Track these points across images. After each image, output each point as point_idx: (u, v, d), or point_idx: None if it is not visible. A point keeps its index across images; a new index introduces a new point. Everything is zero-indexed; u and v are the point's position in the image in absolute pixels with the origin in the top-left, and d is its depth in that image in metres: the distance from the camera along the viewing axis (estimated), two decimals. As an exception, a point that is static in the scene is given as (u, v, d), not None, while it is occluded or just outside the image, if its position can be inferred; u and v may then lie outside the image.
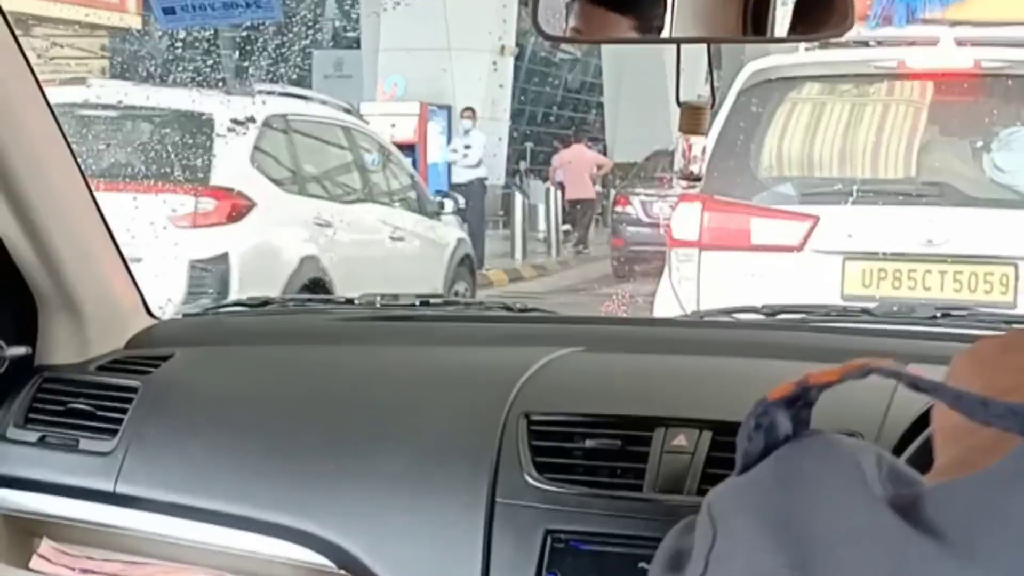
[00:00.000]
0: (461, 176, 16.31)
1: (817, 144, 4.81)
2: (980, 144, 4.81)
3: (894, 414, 1.37)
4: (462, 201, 15.47)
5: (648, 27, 1.47)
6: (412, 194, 9.19)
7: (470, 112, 16.65)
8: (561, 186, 18.13)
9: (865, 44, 5.11)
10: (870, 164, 4.77)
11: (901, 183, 4.75)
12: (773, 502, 0.61)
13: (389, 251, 8.04)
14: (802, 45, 5.15)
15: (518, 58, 30.44)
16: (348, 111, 8.75)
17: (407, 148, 21.16)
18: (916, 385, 0.63)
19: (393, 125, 20.10)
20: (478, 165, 16.08)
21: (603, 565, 1.39)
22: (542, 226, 17.65)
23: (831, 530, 0.58)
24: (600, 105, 29.00)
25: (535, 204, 17.83)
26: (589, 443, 1.46)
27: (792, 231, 4.71)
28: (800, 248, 4.69)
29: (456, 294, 8.41)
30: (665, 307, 4.87)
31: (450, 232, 9.39)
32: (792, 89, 4.88)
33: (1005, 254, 4.53)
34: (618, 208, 14.94)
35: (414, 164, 20.54)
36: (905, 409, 1.35)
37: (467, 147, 16.13)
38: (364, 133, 8.74)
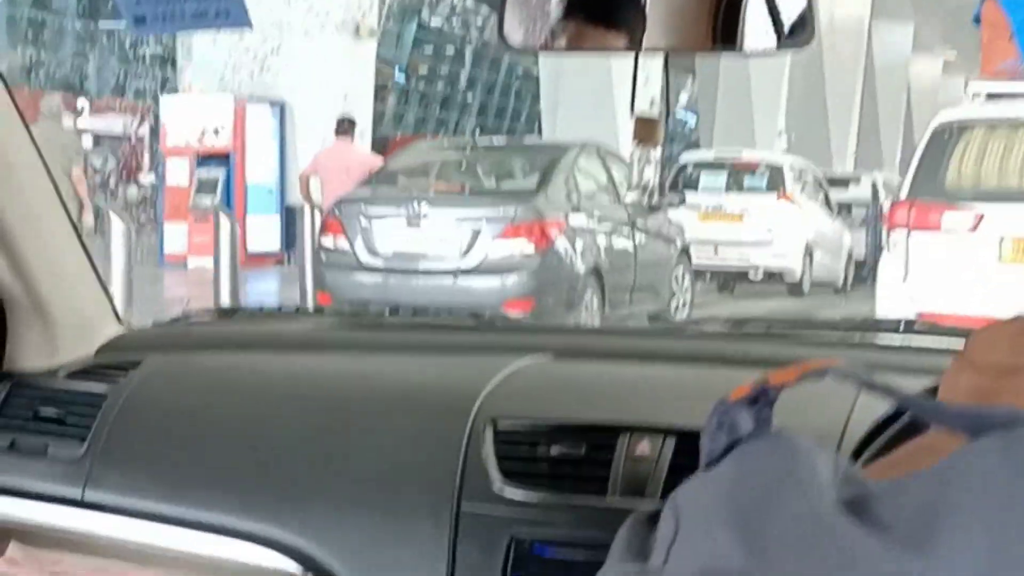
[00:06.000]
0: None
1: (984, 166, 7.54)
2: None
3: (856, 418, 1.40)
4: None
5: (617, 38, 1.50)
6: None
7: None
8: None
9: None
10: (1018, 178, 7.47)
11: None
12: (733, 499, 0.65)
13: None
14: (976, 100, 7.94)
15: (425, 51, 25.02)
16: None
17: (219, 159, 15.41)
18: (871, 386, 0.70)
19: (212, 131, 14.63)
20: None
21: (567, 570, 1.41)
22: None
23: (787, 528, 0.62)
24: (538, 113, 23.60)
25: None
26: (554, 450, 1.48)
27: (967, 220, 7.49)
28: (973, 230, 7.46)
29: None
30: (886, 269, 7.79)
31: None
32: (967, 129, 7.65)
33: None
34: (327, 240, 9.01)
35: (228, 181, 15.23)
36: (867, 414, 1.37)
37: None
38: None
